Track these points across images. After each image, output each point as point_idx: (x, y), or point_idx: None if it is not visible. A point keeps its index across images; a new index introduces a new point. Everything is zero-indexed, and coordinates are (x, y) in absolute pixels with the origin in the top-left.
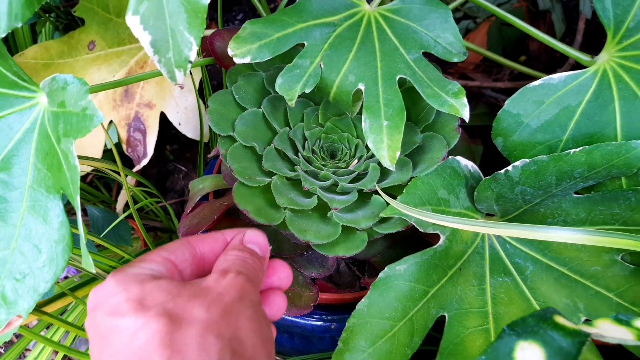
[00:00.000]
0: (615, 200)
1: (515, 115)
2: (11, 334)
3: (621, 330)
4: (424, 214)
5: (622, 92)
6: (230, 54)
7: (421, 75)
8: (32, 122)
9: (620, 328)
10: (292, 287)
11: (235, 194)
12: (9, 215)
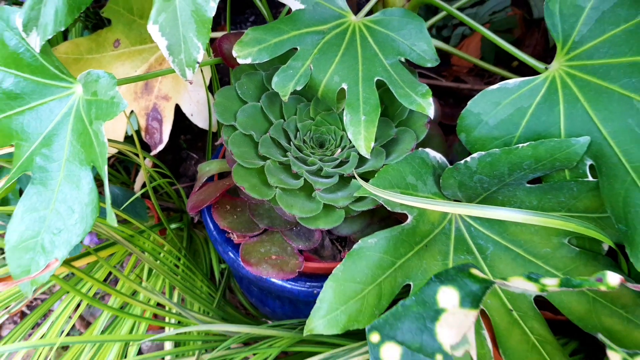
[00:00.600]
0: (560, 189)
1: (476, 114)
2: (49, 275)
3: (529, 285)
4: (391, 195)
5: (566, 96)
6: (234, 55)
7: (396, 78)
8: (69, 108)
9: (529, 283)
10: (281, 256)
11: (234, 174)
12: (48, 182)
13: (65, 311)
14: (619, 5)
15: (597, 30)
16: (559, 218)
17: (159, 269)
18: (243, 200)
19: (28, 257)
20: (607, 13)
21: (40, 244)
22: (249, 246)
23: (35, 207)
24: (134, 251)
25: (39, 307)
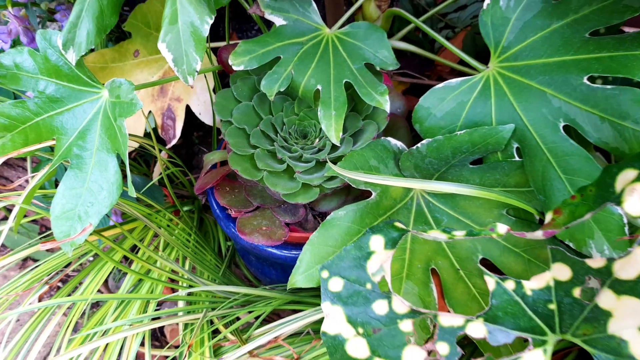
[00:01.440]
0: (495, 169)
1: (427, 108)
2: (84, 238)
3: (442, 235)
4: (355, 174)
5: (497, 91)
6: (229, 63)
7: (361, 79)
8: (98, 108)
9: (442, 234)
10: (270, 227)
11: (230, 160)
12: (83, 167)
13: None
14: (536, 17)
15: (520, 37)
16: (495, 192)
17: (173, 242)
18: (240, 183)
19: (68, 225)
20: (528, 23)
21: (77, 214)
22: (244, 220)
23: (73, 185)
24: (151, 226)
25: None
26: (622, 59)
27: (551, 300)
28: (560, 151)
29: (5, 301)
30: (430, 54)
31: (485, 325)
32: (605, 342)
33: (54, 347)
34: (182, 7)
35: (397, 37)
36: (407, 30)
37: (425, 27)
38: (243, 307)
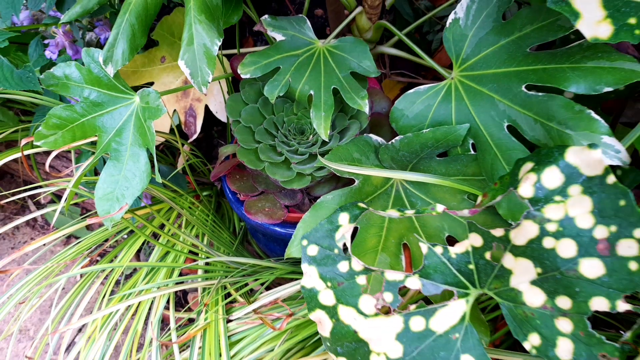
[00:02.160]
0: (457, 161)
1: (401, 109)
2: (121, 215)
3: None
4: (339, 165)
5: (457, 96)
6: (238, 72)
7: (346, 86)
8: (131, 111)
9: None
10: (272, 209)
11: (238, 153)
12: (120, 158)
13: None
14: (488, 34)
15: (476, 51)
16: (452, 181)
17: (194, 221)
18: (248, 172)
19: (108, 204)
20: (482, 39)
21: (116, 196)
22: (251, 202)
23: (112, 173)
24: (176, 207)
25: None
26: (552, 71)
27: (470, 262)
28: (504, 146)
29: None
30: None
31: (420, 280)
32: (508, 293)
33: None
34: (197, 32)
35: (389, 44)
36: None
37: (405, 38)
38: (251, 276)
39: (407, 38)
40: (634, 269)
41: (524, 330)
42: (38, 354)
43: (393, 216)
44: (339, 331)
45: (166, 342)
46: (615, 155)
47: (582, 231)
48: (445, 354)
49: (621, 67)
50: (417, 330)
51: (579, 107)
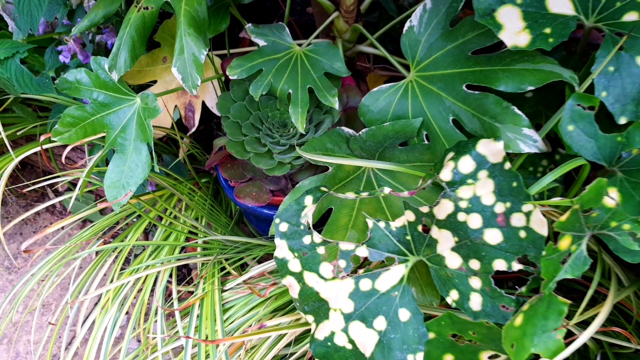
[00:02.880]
0: (415, 149)
1: (367, 105)
2: (127, 200)
3: (352, 195)
4: (313, 155)
5: (412, 94)
6: (227, 73)
7: (320, 85)
8: (134, 111)
9: (354, 194)
10: (258, 193)
11: (227, 145)
12: (125, 151)
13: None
14: (438, 40)
15: (428, 55)
16: (414, 167)
17: (193, 205)
18: (238, 161)
19: (115, 191)
20: (433, 44)
21: (122, 184)
22: (240, 188)
23: (118, 164)
24: (176, 193)
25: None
26: (487, 72)
27: (407, 234)
28: (450, 137)
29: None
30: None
31: (367, 249)
32: (435, 259)
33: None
34: (187, 43)
35: (367, 43)
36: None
37: (374, 40)
38: (244, 252)
39: (389, 35)
40: (523, 236)
41: (447, 288)
42: (59, 324)
43: (350, 197)
44: (305, 293)
45: (170, 309)
46: (534, 145)
47: (486, 207)
48: (387, 308)
49: (542, 68)
50: (365, 290)
51: (506, 103)
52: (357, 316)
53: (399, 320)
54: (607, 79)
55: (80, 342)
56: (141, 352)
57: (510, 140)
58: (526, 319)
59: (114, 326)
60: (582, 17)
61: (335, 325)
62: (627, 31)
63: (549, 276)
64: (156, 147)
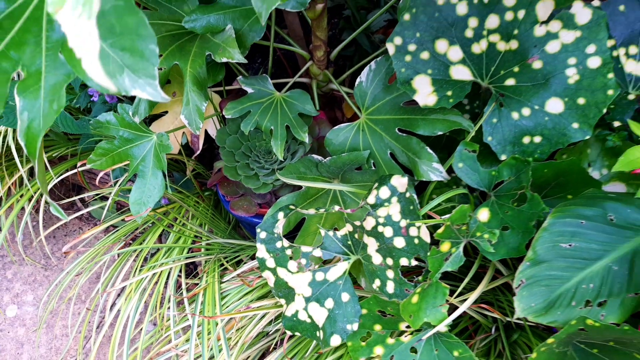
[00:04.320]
0: (365, 173)
1: (331, 139)
2: (146, 214)
3: (312, 210)
4: (288, 178)
5: (363, 132)
6: (224, 113)
7: (294, 123)
8: (151, 145)
9: (313, 210)
10: (248, 206)
11: (224, 169)
12: (145, 176)
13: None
14: (380, 92)
15: (373, 103)
16: (358, 187)
17: (198, 215)
18: (233, 181)
19: (138, 207)
20: (376, 95)
21: (143, 201)
22: (234, 202)
23: (140, 186)
24: (184, 205)
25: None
26: (412, 120)
27: (349, 240)
28: (388, 166)
29: (99, 251)
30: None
31: (321, 250)
32: (367, 258)
33: (130, 276)
34: (191, 97)
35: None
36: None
37: (337, 84)
38: (238, 252)
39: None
40: (417, 242)
41: (373, 278)
42: (90, 312)
43: (310, 213)
44: (278, 282)
45: (180, 297)
46: (440, 175)
47: (395, 222)
48: (334, 292)
49: (449, 119)
50: (319, 280)
51: (423, 144)
52: (313, 299)
53: (342, 301)
54: (492, 128)
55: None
56: (157, 332)
57: (425, 171)
58: (420, 298)
59: (135, 312)
60: (479, 80)
61: (299, 305)
62: (509, 93)
63: (434, 269)
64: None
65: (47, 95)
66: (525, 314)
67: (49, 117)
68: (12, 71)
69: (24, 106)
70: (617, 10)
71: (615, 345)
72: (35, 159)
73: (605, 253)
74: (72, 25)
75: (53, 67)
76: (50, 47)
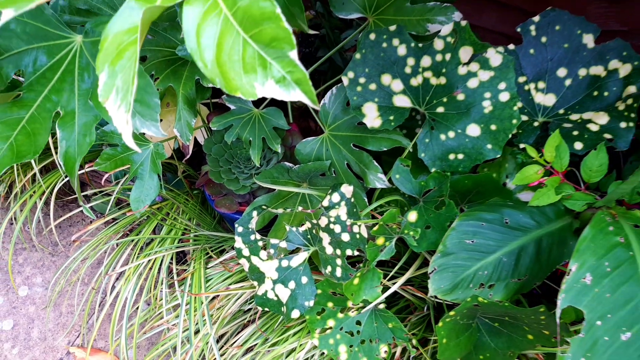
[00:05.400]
0: (328, 179)
1: (300, 150)
2: (144, 209)
3: (281, 210)
4: (263, 182)
5: (325, 145)
6: (210, 126)
7: (269, 136)
8: (149, 152)
9: (282, 209)
10: (230, 204)
11: (209, 173)
12: (143, 178)
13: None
14: (339, 113)
15: (334, 122)
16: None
17: (187, 210)
18: (217, 183)
19: (137, 204)
20: (337, 115)
21: (141, 199)
22: (218, 200)
23: (138, 186)
24: (175, 202)
25: (135, 230)
26: (363, 137)
27: (308, 234)
28: (345, 174)
29: (102, 241)
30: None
31: (286, 242)
32: (322, 249)
33: (129, 261)
34: (183, 114)
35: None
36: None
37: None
38: (222, 243)
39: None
40: (358, 237)
41: (326, 265)
42: (93, 293)
43: (279, 212)
44: (251, 268)
45: (171, 280)
46: (384, 183)
47: (342, 221)
48: (295, 276)
49: (392, 138)
50: (284, 266)
51: (370, 158)
52: (279, 281)
53: (302, 283)
54: (424, 146)
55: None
56: (151, 310)
57: (372, 180)
58: (360, 280)
59: (133, 293)
60: (417, 107)
61: (268, 286)
62: (439, 118)
63: (372, 258)
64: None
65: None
66: (435, 293)
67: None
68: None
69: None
70: (529, 52)
71: (509, 320)
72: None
73: (498, 248)
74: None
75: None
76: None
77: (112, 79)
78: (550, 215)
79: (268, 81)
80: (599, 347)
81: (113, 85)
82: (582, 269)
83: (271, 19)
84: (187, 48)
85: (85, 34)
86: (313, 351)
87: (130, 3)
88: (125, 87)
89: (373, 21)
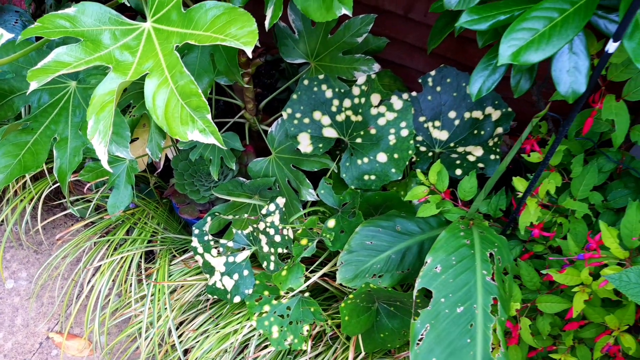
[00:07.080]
0: (274, 192)
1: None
2: (119, 214)
3: (230, 216)
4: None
5: (272, 164)
6: (177, 145)
7: (227, 155)
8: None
9: (230, 216)
10: (192, 212)
11: (175, 186)
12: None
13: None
14: (283, 139)
15: (279, 146)
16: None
17: (157, 216)
18: (182, 194)
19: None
20: (281, 141)
21: (117, 205)
22: (182, 208)
23: (115, 195)
24: (146, 209)
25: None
26: (300, 160)
27: (251, 236)
28: (287, 189)
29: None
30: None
31: (233, 242)
32: (260, 248)
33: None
34: (154, 137)
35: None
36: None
37: (259, 126)
38: (185, 244)
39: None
40: (287, 238)
41: (263, 261)
42: (72, 285)
43: (229, 219)
44: (205, 263)
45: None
46: (314, 196)
47: (275, 226)
48: (239, 270)
49: (321, 161)
50: (231, 261)
51: (304, 176)
52: (226, 274)
53: (244, 275)
54: (345, 169)
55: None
56: (121, 301)
57: (304, 194)
58: (287, 272)
59: (106, 287)
60: (341, 137)
61: (217, 278)
62: (357, 147)
63: (297, 255)
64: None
65: (71, 152)
66: (341, 281)
67: (73, 164)
68: (52, 136)
69: (58, 156)
70: (427, 98)
71: (401, 304)
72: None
73: (389, 248)
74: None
75: (75, 137)
76: (74, 125)
77: (96, 124)
78: (433, 224)
79: (195, 131)
80: (441, 317)
81: (97, 128)
82: (435, 261)
83: (196, 94)
84: (146, 106)
85: (78, 81)
86: (253, 332)
87: (111, 74)
88: (105, 130)
89: (314, 66)
